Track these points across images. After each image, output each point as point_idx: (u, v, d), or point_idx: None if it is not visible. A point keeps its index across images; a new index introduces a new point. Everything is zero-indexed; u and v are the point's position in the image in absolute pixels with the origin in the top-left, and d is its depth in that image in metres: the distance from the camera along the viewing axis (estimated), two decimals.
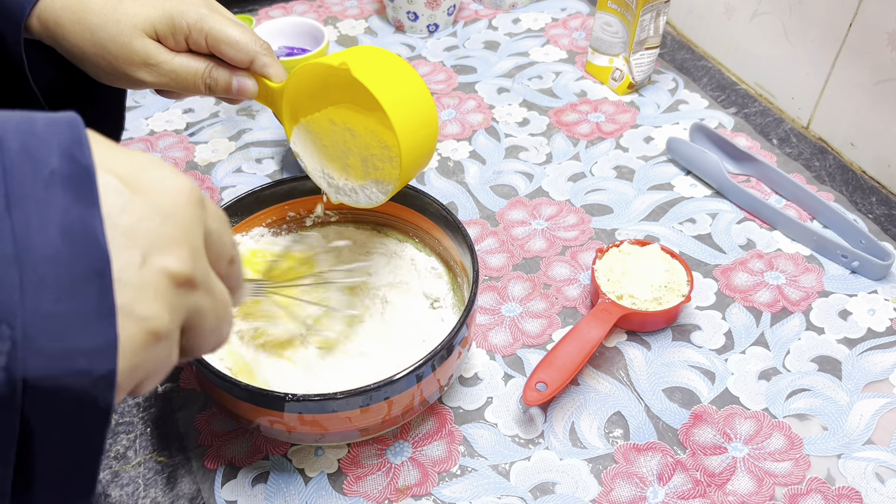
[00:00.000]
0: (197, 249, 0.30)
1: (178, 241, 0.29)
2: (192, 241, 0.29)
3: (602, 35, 0.87)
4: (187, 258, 0.29)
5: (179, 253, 0.28)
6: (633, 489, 0.53)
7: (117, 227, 0.27)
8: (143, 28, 0.53)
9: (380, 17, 1.02)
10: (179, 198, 0.29)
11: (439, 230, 0.61)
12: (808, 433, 0.57)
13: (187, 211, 0.29)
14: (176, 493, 0.54)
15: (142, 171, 0.29)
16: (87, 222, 0.26)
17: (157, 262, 0.28)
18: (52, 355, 0.25)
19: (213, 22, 0.53)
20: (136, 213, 0.28)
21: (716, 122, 0.84)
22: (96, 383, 0.25)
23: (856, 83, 0.78)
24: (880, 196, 0.76)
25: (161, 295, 0.28)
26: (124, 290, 0.26)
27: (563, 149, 0.81)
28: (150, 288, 0.27)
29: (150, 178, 0.29)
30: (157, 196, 0.28)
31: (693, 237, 0.72)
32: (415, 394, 0.51)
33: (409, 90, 0.52)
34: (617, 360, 0.62)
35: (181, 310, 0.29)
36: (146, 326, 0.27)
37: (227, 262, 0.34)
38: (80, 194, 0.26)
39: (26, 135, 0.26)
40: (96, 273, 0.26)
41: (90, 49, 0.53)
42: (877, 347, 0.62)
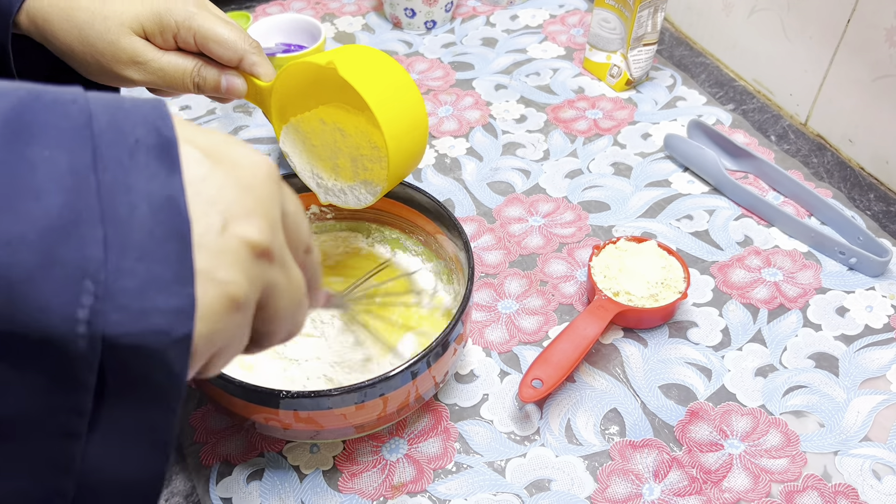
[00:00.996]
0: (275, 223, 0.30)
1: (257, 211, 0.29)
2: (270, 214, 0.30)
3: (600, 31, 0.87)
4: (266, 229, 0.29)
5: (258, 223, 0.29)
6: (629, 486, 0.53)
7: (199, 194, 0.27)
8: (131, 25, 0.52)
9: (377, 14, 1.01)
10: (259, 172, 0.30)
11: (435, 227, 0.61)
12: (804, 430, 0.57)
13: (266, 185, 0.30)
14: (171, 490, 0.54)
15: (223, 145, 0.29)
16: (169, 188, 0.26)
17: (237, 230, 0.28)
18: (132, 313, 0.25)
19: (201, 20, 0.53)
20: (216, 182, 0.28)
21: (714, 118, 0.84)
22: (173, 345, 0.26)
23: (854, 79, 0.77)
24: (878, 193, 0.75)
25: (240, 262, 0.28)
26: (205, 253, 0.27)
27: (560, 145, 0.81)
28: (230, 254, 0.28)
29: (231, 152, 0.29)
30: (237, 169, 0.29)
31: (690, 234, 0.72)
32: (410, 390, 0.51)
33: (398, 90, 0.52)
34: (613, 357, 0.62)
35: (258, 281, 0.29)
36: (225, 291, 0.27)
37: (304, 251, 0.34)
38: (163, 162, 0.27)
39: (114, 109, 0.27)
40: (178, 238, 0.26)
41: (78, 47, 0.53)
42: (874, 344, 0.62)
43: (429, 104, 0.87)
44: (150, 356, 0.25)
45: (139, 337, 0.25)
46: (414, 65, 0.92)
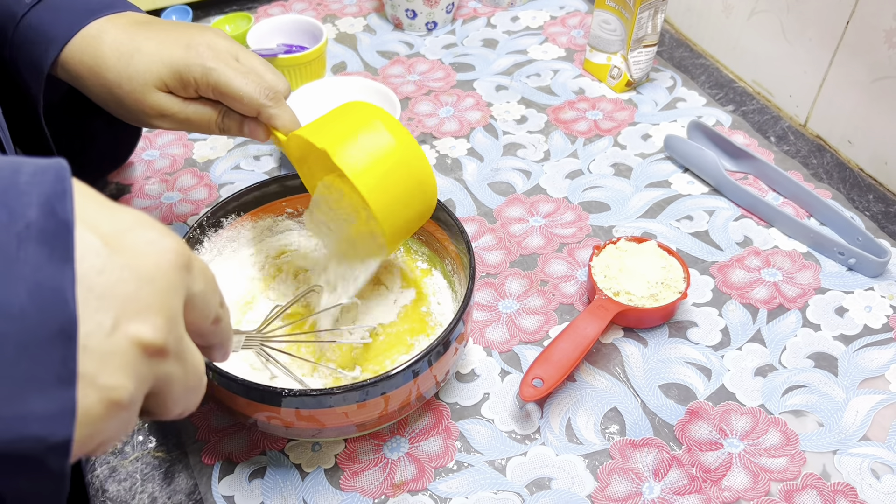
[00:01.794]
0: (173, 318, 0.29)
1: (154, 307, 0.27)
2: (169, 308, 0.28)
3: (600, 33, 0.87)
4: (161, 326, 0.28)
5: (154, 320, 0.27)
6: (629, 485, 0.54)
7: (92, 289, 0.26)
8: (155, 84, 0.54)
9: (378, 15, 1.02)
10: (162, 261, 0.28)
11: (437, 227, 0.61)
12: (803, 429, 0.57)
13: (169, 276, 0.28)
14: (173, 488, 0.54)
15: (127, 230, 0.28)
16: (58, 281, 0.25)
17: (129, 329, 0.26)
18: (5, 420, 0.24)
19: (217, 76, 0.53)
20: (113, 274, 0.26)
21: (713, 119, 0.85)
22: (50, 450, 0.24)
23: (853, 81, 0.78)
24: (877, 193, 0.76)
25: (128, 364, 0.26)
26: (90, 356, 0.25)
27: (560, 146, 0.82)
28: (118, 356, 0.26)
29: (135, 238, 0.28)
30: (139, 258, 0.27)
31: (690, 234, 0.72)
32: (411, 389, 0.51)
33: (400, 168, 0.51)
34: (613, 357, 0.62)
35: (148, 378, 0.28)
36: (108, 396, 0.26)
37: (212, 323, 0.33)
38: (55, 251, 0.25)
39: (7, 184, 0.25)
40: (62, 336, 0.24)
41: (109, 101, 0.56)
42: (873, 344, 0.62)
43: (430, 105, 0.87)
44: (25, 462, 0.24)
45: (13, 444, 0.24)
46: (415, 66, 0.93)
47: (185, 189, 0.77)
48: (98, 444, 0.27)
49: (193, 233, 0.58)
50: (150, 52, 0.54)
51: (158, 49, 0.54)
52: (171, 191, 0.77)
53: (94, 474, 0.55)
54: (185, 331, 0.30)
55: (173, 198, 0.76)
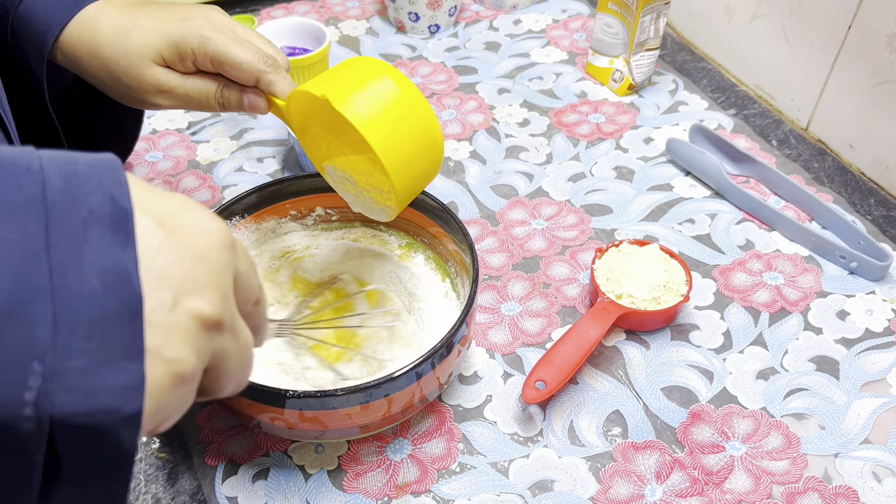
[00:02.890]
0: (227, 293, 0.30)
1: (209, 284, 0.29)
2: (222, 284, 0.30)
3: (602, 36, 0.87)
4: (217, 301, 0.29)
5: (210, 296, 0.29)
6: (632, 487, 0.54)
7: (151, 268, 0.27)
8: (152, 58, 0.54)
9: (381, 18, 1.02)
10: (213, 240, 0.30)
11: (440, 229, 0.62)
12: (805, 432, 0.57)
13: (220, 254, 0.30)
14: (177, 489, 0.54)
15: (178, 212, 0.29)
16: (123, 263, 0.26)
17: (189, 305, 0.28)
18: (81, 392, 0.25)
19: (215, 45, 0.54)
20: (170, 254, 0.28)
21: (715, 123, 0.85)
22: (122, 423, 0.26)
23: (855, 85, 0.78)
24: (879, 197, 0.76)
25: (190, 337, 0.28)
26: (155, 331, 0.27)
27: (563, 149, 0.82)
28: (180, 330, 0.28)
29: (186, 219, 0.29)
30: (192, 238, 0.29)
31: (692, 237, 0.72)
32: (414, 391, 0.51)
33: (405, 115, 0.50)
34: (616, 359, 0.62)
35: (207, 352, 0.29)
36: (173, 368, 0.27)
37: (253, 304, 0.34)
38: (118, 235, 0.26)
39: (69, 174, 0.27)
40: (129, 314, 0.26)
41: (107, 80, 0.56)
42: (874, 348, 0.63)
43: (432, 107, 0.87)
44: (99, 434, 0.25)
45: (88, 416, 0.25)
46: (417, 69, 0.93)
47: (189, 191, 0.77)
48: (164, 418, 0.29)
49: None
50: (146, 27, 0.54)
51: (155, 24, 0.54)
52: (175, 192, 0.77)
53: None
54: (236, 307, 0.32)
55: None
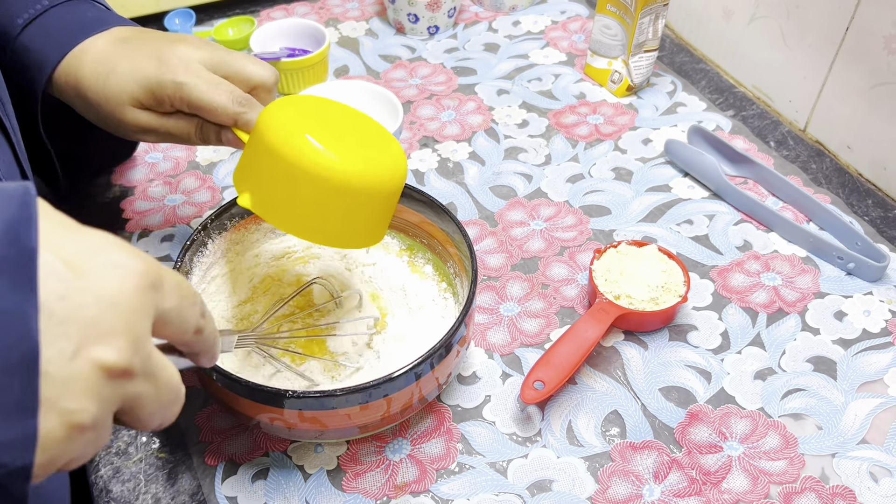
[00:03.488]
0: (138, 339, 0.29)
1: (117, 331, 0.27)
2: (133, 330, 0.28)
3: (601, 38, 0.87)
4: (125, 349, 0.28)
5: (117, 343, 0.27)
6: (630, 487, 0.54)
7: (53, 314, 0.26)
8: (130, 103, 0.55)
9: (380, 19, 1.02)
10: (126, 284, 0.28)
11: (438, 230, 0.62)
12: (802, 432, 0.57)
13: (133, 298, 0.28)
14: (177, 489, 0.54)
15: (91, 253, 0.28)
16: (21, 309, 0.25)
17: (91, 354, 0.27)
18: None
19: (189, 91, 0.54)
20: (75, 300, 0.26)
21: (714, 124, 0.85)
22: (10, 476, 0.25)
23: (852, 86, 0.78)
24: (876, 198, 0.76)
25: (90, 387, 0.27)
26: (51, 382, 0.25)
27: (561, 150, 0.82)
28: (80, 381, 0.26)
29: (99, 261, 0.28)
30: (102, 282, 0.27)
31: (690, 238, 0.72)
32: (413, 391, 0.52)
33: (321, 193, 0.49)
34: (614, 360, 0.62)
35: (114, 400, 0.28)
36: (70, 420, 0.26)
37: (193, 334, 0.34)
38: (18, 279, 0.25)
39: None
40: (24, 365, 0.25)
41: (96, 120, 0.57)
42: (871, 348, 0.63)
43: (432, 109, 0.87)
44: None
45: None
46: (417, 70, 0.93)
47: (189, 191, 0.77)
48: (64, 464, 0.28)
49: (197, 235, 0.59)
50: (123, 73, 0.54)
51: (132, 68, 0.54)
52: (175, 193, 0.77)
53: (98, 475, 0.55)
54: (153, 350, 0.30)
55: (176, 200, 0.76)
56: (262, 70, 0.57)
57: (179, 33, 0.59)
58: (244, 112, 0.54)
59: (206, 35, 0.97)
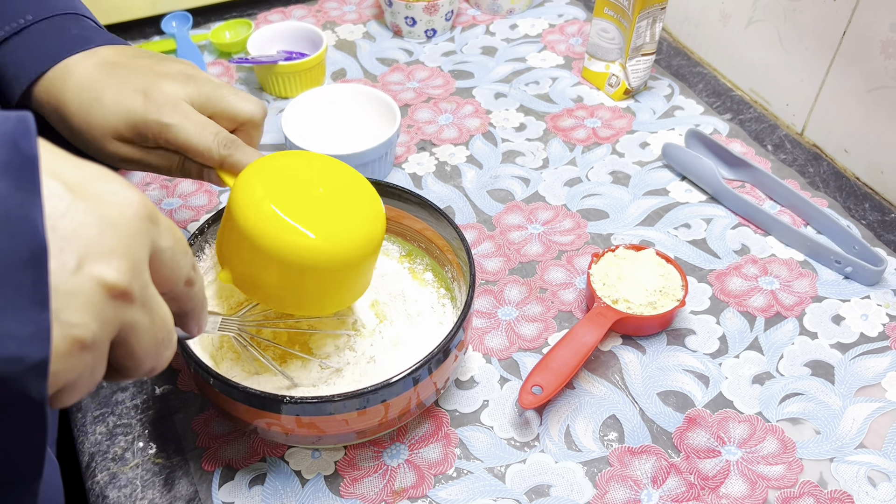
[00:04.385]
0: (138, 264, 0.29)
1: (117, 251, 0.28)
2: (133, 254, 0.29)
3: (598, 41, 0.87)
4: (125, 270, 0.28)
5: (117, 264, 0.28)
6: (628, 492, 0.54)
7: (55, 229, 0.26)
8: (113, 136, 0.54)
9: (378, 22, 1.02)
10: (126, 210, 0.29)
11: (436, 234, 0.62)
12: (801, 437, 0.57)
13: (132, 223, 0.29)
14: (173, 494, 0.54)
15: (91, 180, 0.29)
16: (27, 210, 0.25)
17: (93, 270, 0.27)
18: None
19: (175, 133, 0.52)
20: (76, 218, 0.27)
21: (711, 127, 0.85)
22: (28, 371, 0.25)
23: (849, 90, 0.78)
24: (873, 202, 0.76)
25: (92, 304, 0.27)
26: (55, 294, 0.26)
27: (559, 154, 0.82)
28: (81, 295, 0.27)
29: (98, 187, 0.29)
30: (102, 206, 0.28)
31: (688, 242, 0.72)
32: (411, 397, 0.51)
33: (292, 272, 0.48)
34: (612, 364, 0.62)
35: (113, 322, 0.29)
36: (71, 333, 0.27)
37: (184, 284, 0.34)
38: (22, 182, 0.26)
39: None
40: (33, 261, 0.25)
41: (75, 142, 0.55)
42: (869, 352, 0.63)
43: (429, 112, 0.87)
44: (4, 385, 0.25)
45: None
46: (414, 73, 0.93)
47: (186, 195, 0.77)
48: (64, 385, 0.28)
49: (195, 239, 0.58)
50: (108, 105, 0.53)
51: (116, 100, 0.53)
52: (172, 197, 0.77)
53: (94, 480, 0.55)
54: (150, 281, 0.31)
55: (173, 204, 0.76)
56: (251, 106, 0.55)
57: (169, 57, 0.57)
58: (229, 155, 0.53)
59: (203, 38, 0.96)
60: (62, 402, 0.29)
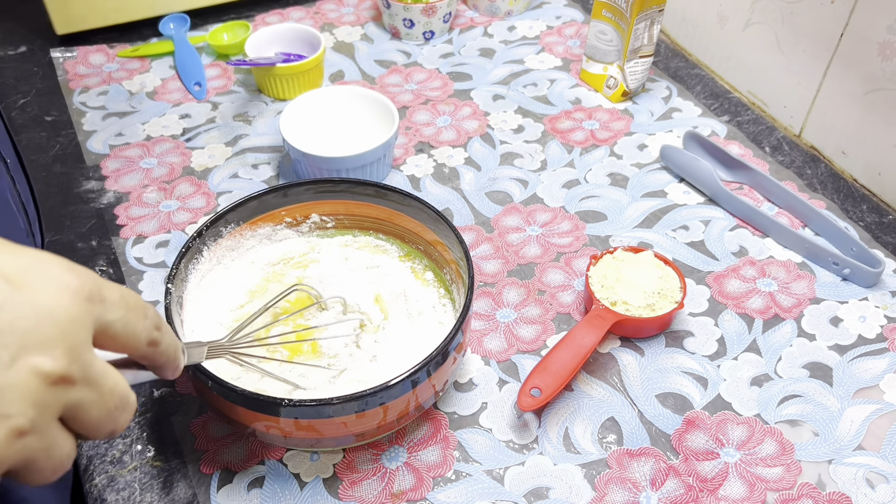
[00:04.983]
0: (77, 347, 0.30)
1: (54, 339, 0.29)
2: (70, 339, 0.30)
3: (596, 43, 0.88)
4: (62, 356, 0.29)
5: (54, 352, 0.29)
6: (627, 494, 0.54)
7: None
8: None
9: (376, 24, 1.02)
10: (63, 296, 0.30)
11: (434, 236, 0.62)
12: (799, 439, 0.57)
13: (70, 309, 0.30)
14: (172, 497, 0.54)
15: (28, 268, 0.30)
16: None
17: (28, 362, 0.28)
18: None
19: None
20: (13, 311, 0.28)
21: (709, 129, 0.85)
22: None
23: (847, 92, 0.79)
24: (871, 204, 0.76)
25: (28, 393, 0.28)
26: None
27: (557, 156, 0.82)
28: (17, 387, 0.28)
29: (36, 275, 0.30)
30: (40, 295, 0.29)
31: (686, 244, 0.72)
32: (410, 399, 0.51)
33: None
34: (610, 366, 0.62)
35: (55, 405, 0.30)
36: (8, 424, 0.28)
37: (146, 346, 0.35)
38: None
39: None
40: None
41: None
42: (867, 354, 0.63)
43: (427, 114, 0.87)
44: None
45: None
46: (412, 75, 0.93)
47: (184, 197, 0.77)
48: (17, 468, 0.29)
49: (192, 242, 0.58)
50: None
51: None
52: (170, 199, 0.77)
53: (93, 483, 0.55)
54: (94, 359, 0.32)
55: (171, 206, 0.76)
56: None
57: None
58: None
59: (201, 40, 0.96)
60: (31, 481, 0.30)
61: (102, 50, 0.96)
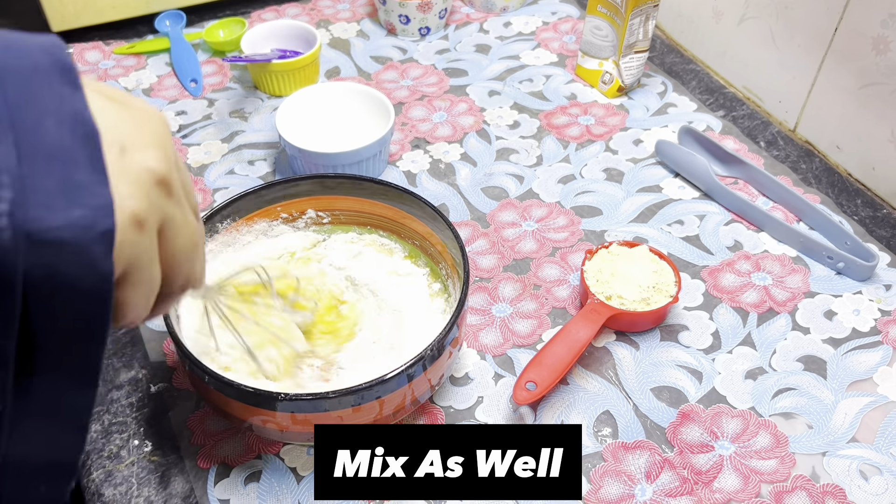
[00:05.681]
0: (171, 157, 0.32)
1: (154, 143, 0.31)
2: (166, 148, 0.32)
3: (592, 39, 0.88)
4: (163, 159, 0.31)
5: (156, 153, 0.30)
6: (622, 487, 0.54)
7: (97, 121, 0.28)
8: None
9: (372, 20, 1.02)
10: (154, 116, 0.32)
11: (430, 231, 0.62)
12: (793, 431, 0.58)
13: (162, 126, 0.32)
14: (169, 492, 0.54)
15: (120, 93, 0.32)
16: (74, 103, 0.28)
17: (136, 156, 0.30)
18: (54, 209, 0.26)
19: None
20: (113, 115, 0.30)
21: (704, 124, 0.85)
22: (97, 240, 0.27)
23: (841, 87, 0.79)
24: (865, 198, 0.77)
25: (140, 182, 0.30)
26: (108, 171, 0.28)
27: (553, 151, 0.82)
28: (131, 174, 0.29)
29: (128, 99, 0.32)
30: (133, 110, 0.31)
31: (681, 238, 0.73)
32: (406, 393, 0.52)
33: None
34: (606, 360, 0.62)
35: (158, 208, 0.31)
36: (127, 206, 0.29)
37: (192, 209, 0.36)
38: (65, 81, 0.28)
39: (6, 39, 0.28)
40: (88, 143, 0.27)
41: None
42: (861, 347, 0.63)
43: (423, 110, 0.87)
44: (75, 254, 0.26)
45: (62, 231, 0.26)
46: (408, 71, 0.93)
47: None
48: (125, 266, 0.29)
49: None
50: None
51: None
52: None
53: (90, 478, 0.55)
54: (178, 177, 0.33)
55: None
56: None
57: None
58: None
59: (197, 37, 0.96)
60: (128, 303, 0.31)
61: (98, 47, 0.96)
